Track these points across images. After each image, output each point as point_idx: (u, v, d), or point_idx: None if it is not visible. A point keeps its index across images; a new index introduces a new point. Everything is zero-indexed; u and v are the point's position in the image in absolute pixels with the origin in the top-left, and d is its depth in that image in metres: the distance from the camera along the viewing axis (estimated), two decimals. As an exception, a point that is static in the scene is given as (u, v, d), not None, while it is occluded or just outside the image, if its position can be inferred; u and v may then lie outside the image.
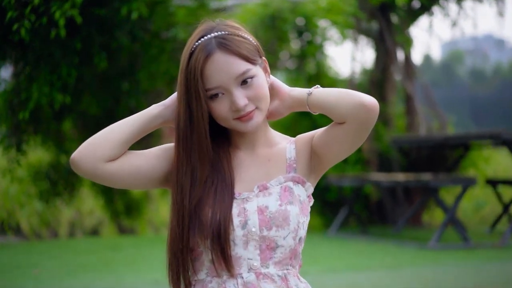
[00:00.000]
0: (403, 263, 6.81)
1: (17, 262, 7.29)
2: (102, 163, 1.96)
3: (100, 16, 7.65)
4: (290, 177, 2.07)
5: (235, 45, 1.98)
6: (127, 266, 6.70)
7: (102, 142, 1.95)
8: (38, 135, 10.14)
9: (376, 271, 6.47)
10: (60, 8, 6.42)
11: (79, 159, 1.94)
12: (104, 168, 1.96)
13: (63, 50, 7.53)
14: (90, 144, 1.95)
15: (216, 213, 1.97)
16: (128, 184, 2.01)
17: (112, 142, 1.96)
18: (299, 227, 2.02)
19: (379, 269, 6.54)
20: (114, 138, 1.96)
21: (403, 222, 8.77)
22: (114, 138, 1.96)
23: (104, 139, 1.95)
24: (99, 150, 1.94)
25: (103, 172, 1.96)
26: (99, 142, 1.95)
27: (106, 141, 1.95)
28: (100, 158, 1.95)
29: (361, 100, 1.93)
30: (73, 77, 7.71)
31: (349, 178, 8.93)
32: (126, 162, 1.99)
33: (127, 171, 1.99)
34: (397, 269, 6.56)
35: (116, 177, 1.97)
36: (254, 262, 1.98)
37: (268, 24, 9.74)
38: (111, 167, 1.97)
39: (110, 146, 1.95)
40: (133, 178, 2.00)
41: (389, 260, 7.02)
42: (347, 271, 6.45)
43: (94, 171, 1.96)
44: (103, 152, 1.95)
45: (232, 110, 1.99)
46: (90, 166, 1.95)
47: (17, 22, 6.41)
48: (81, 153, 1.95)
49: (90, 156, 1.94)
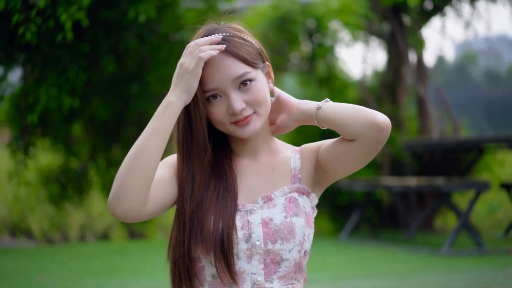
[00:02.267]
0: (415, 270, 6.72)
1: (23, 268, 7.27)
2: (144, 208, 1.86)
3: (108, 19, 7.61)
4: (295, 187, 2.01)
5: (235, 47, 1.93)
6: (132, 272, 6.66)
7: (139, 185, 1.83)
8: (46, 138, 10.13)
9: (386, 277, 6.39)
10: (66, 11, 6.37)
11: (124, 213, 1.84)
12: (145, 213, 1.87)
13: (71, 53, 7.49)
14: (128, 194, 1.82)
15: (218, 222, 1.91)
16: (157, 215, 1.94)
17: (147, 181, 1.84)
18: (305, 239, 1.96)
19: (389, 276, 6.46)
20: (148, 174, 1.84)
21: (415, 227, 8.67)
22: (148, 174, 1.84)
23: (141, 180, 1.83)
24: (139, 199, 1.84)
25: (145, 215, 1.88)
26: (137, 187, 1.82)
27: (143, 183, 1.83)
28: (142, 205, 1.85)
29: (374, 118, 1.86)
30: (81, 80, 7.68)
31: (360, 183, 8.83)
32: (156, 202, 1.90)
33: (161, 206, 1.92)
34: (408, 276, 6.47)
35: (154, 214, 1.91)
36: (258, 277, 1.93)
37: (278, 26, 9.67)
38: (148, 209, 1.88)
39: (147, 187, 1.84)
40: (162, 210, 1.94)
41: (400, 266, 6.93)
42: (356, 277, 6.37)
43: (139, 217, 1.88)
44: (143, 199, 1.85)
45: (229, 114, 1.94)
46: (136, 216, 1.86)
47: (23, 26, 6.37)
48: (124, 207, 1.83)
49: (134, 207, 1.84)
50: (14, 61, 7.71)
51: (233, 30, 1.98)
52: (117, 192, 1.83)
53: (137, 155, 1.83)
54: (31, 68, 8.23)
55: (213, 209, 1.93)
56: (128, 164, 1.83)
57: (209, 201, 1.95)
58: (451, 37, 40.85)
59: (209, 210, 1.93)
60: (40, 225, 12.05)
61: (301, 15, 9.61)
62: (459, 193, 9.52)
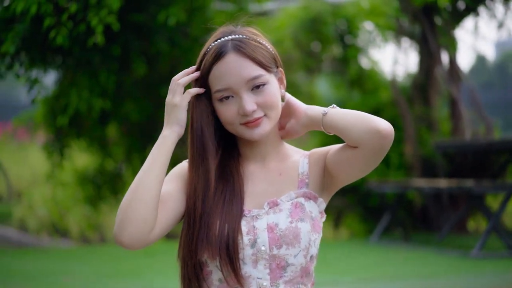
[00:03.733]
0: (442, 272, 6.66)
1: (52, 268, 7.38)
2: (149, 234, 1.91)
3: (139, 22, 7.70)
4: (301, 192, 2.04)
5: (251, 49, 1.97)
6: (159, 273, 6.72)
7: (142, 215, 1.88)
8: (81, 140, 10.28)
9: (413, 279, 6.34)
10: (97, 15, 6.47)
11: (130, 244, 1.89)
12: (152, 238, 1.92)
13: (102, 56, 7.60)
14: (131, 223, 1.87)
15: (224, 226, 1.94)
16: (169, 230, 1.99)
17: (149, 211, 1.89)
18: (311, 244, 1.99)
19: (416, 278, 6.41)
20: (149, 205, 1.89)
21: (447, 229, 8.59)
22: (149, 205, 1.89)
23: (142, 211, 1.88)
24: (143, 226, 1.88)
25: (152, 241, 1.93)
26: (139, 217, 1.88)
27: (145, 213, 1.88)
28: (147, 232, 1.90)
29: (376, 126, 1.88)
30: (112, 83, 7.79)
31: (390, 184, 8.79)
32: (164, 222, 1.94)
33: (167, 227, 1.96)
34: (435, 278, 6.42)
35: (162, 236, 1.95)
36: (263, 281, 1.95)
37: (309, 27, 9.66)
38: (156, 232, 1.93)
39: (150, 216, 1.89)
40: (174, 225, 1.98)
41: (428, 269, 6.88)
42: (383, 279, 6.34)
43: (145, 245, 1.92)
44: (147, 226, 1.89)
45: (240, 115, 1.97)
46: (141, 245, 1.91)
47: (55, 29, 6.48)
48: (130, 236, 1.87)
49: (139, 236, 1.89)
50: (49, 64, 7.85)
51: (249, 33, 2.03)
52: (121, 222, 1.88)
53: (138, 187, 1.89)
54: (63, 71, 8.37)
55: (219, 213, 1.96)
56: (130, 196, 1.90)
57: (216, 205, 1.98)
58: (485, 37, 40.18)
59: (215, 213, 1.96)
60: (78, 225, 12.18)
61: (331, 16, 9.59)
62: (492, 195, 9.40)
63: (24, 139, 15.90)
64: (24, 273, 6.99)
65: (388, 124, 1.90)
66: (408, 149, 9.46)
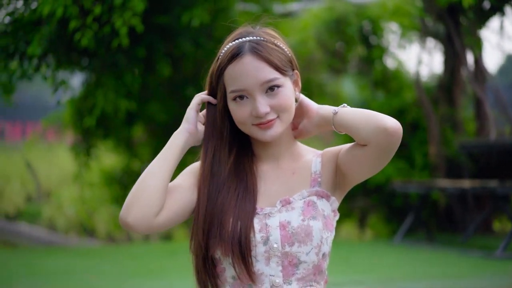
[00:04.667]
0: (465, 272, 6.64)
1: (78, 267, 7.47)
2: (154, 218, 1.96)
3: (163, 24, 7.78)
4: (314, 191, 2.04)
5: (267, 52, 1.98)
6: (181, 272, 6.77)
7: (148, 198, 1.94)
8: (108, 140, 10.40)
9: (435, 280, 6.33)
10: (121, 17, 6.55)
11: (134, 223, 1.94)
12: (157, 222, 1.96)
13: (127, 58, 7.69)
14: (137, 204, 1.94)
15: (236, 223, 1.97)
16: (177, 223, 2.03)
17: (157, 197, 1.95)
18: (322, 242, 2.00)
19: (438, 278, 6.40)
20: (156, 191, 1.95)
21: (471, 230, 8.55)
22: (156, 191, 1.95)
23: (149, 194, 1.94)
24: (149, 209, 1.94)
25: (157, 225, 1.97)
26: (146, 200, 1.94)
27: (151, 197, 1.94)
28: (152, 215, 1.95)
29: (383, 124, 1.89)
30: (137, 84, 7.88)
31: (414, 185, 8.76)
32: (171, 209, 2.00)
33: (174, 216, 2.00)
34: (458, 278, 6.40)
35: (167, 224, 1.99)
36: (276, 278, 1.97)
37: (333, 28, 9.68)
38: (161, 218, 1.97)
39: (157, 200, 1.95)
40: (181, 217, 2.02)
41: (451, 269, 6.86)
42: (405, 279, 6.33)
43: (150, 228, 1.97)
44: (153, 209, 1.95)
45: (253, 116, 1.99)
46: (146, 226, 1.96)
47: (80, 31, 6.58)
48: (134, 216, 1.93)
49: (144, 218, 1.94)
50: (75, 66, 7.95)
51: (267, 35, 2.02)
52: (128, 204, 1.94)
53: (146, 175, 1.97)
54: (89, 72, 8.48)
55: (233, 210, 1.98)
56: (138, 182, 1.97)
57: (229, 202, 2.00)
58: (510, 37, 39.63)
59: (228, 211, 1.98)
60: (105, 225, 12.30)
61: (355, 17, 9.59)
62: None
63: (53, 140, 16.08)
64: (51, 272, 7.10)
65: (396, 121, 1.91)
66: (432, 150, 9.42)
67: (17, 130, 21.13)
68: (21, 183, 15.29)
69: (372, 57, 10.00)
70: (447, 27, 9.54)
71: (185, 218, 2.05)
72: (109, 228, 12.28)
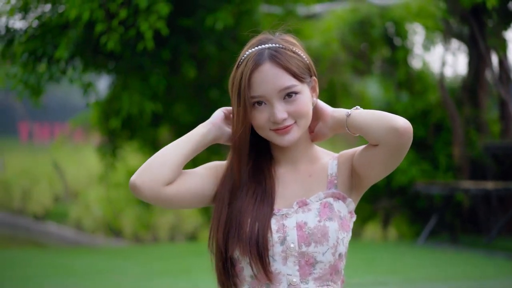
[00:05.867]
0: (488, 274, 6.63)
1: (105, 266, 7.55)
2: (163, 187, 2.01)
3: (187, 27, 7.86)
4: (330, 193, 2.09)
5: (285, 60, 2.03)
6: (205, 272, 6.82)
7: (160, 167, 2.00)
8: (134, 141, 10.51)
9: (457, 281, 6.33)
10: (146, 21, 6.65)
11: (141, 185, 2.00)
12: (164, 192, 2.02)
13: (153, 60, 7.79)
14: (148, 169, 2.01)
15: (254, 224, 2.02)
16: (183, 205, 2.09)
17: (168, 166, 2.01)
18: (338, 243, 2.03)
19: (460, 279, 6.40)
20: (170, 162, 2.02)
21: (495, 232, 8.52)
22: (170, 162, 2.02)
23: (161, 163, 2.01)
24: (159, 175, 2.00)
25: (164, 196, 2.02)
26: (157, 167, 2.00)
27: (163, 166, 2.01)
28: (160, 182, 2.01)
29: (393, 124, 1.93)
30: (162, 86, 7.97)
31: (437, 186, 8.76)
32: (182, 184, 2.05)
33: (183, 193, 2.05)
34: (479, 280, 6.40)
35: (174, 199, 2.04)
36: (293, 278, 2.01)
37: (357, 29, 9.71)
38: (170, 190, 2.03)
39: (168, 170, 2.01)
40: (189, 199, 2.07)
41: (473, 270, 6.85)
42: (426, 281, 6.34)
43: (156, 195, 2.01)
44: (162, 177, 2.01)
45: (271, 121, 2.04)
46: (152, 191, 2.01)
47: (106, 35, 6.69)
48: (142, 179, 2.00)
49: (151, 182, 2.00)
50: (102, 69, 8.08)
51: (285, 43, 2.07)
52: (139, 170, 2.02)
53: (162, 150, 2.05)
54: (116, 75, 8.60)
55: (251, 212, 2.04)
56: (154, 155, 2.04)
57: (247, 204, 2.05)
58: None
59: (246, 212, 2.04)
60: (131, 225, 12.39)
61: (379, 19, 9.61)
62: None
63: (80, 141, 16.23)
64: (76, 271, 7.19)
65: (406, 121, 1.94)
66: (456, 151, 9.40)
67: (45, 131, 21.32)
68: (49, 184, 15.46)
69: (396, 59, 10.01)
70: (471, 28, 9.52)
71: (191, 204, 2.10)
72: (135, 228, 12.38)
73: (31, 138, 21.64)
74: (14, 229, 15.19)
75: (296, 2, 9.48)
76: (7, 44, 7.25)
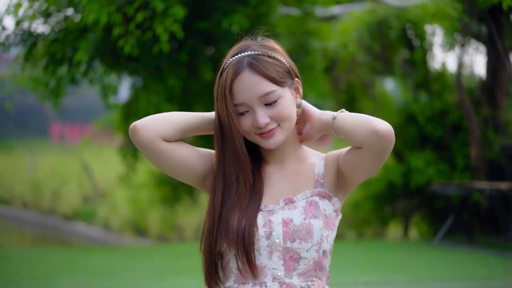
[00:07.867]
0: (500, 273, 6.63)
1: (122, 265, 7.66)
2: (159, 139, 2.09)
3: (204, 29, 7.96)
4: (316, 192, 2.16)
5: (263, 66, 2.10)
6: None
7: (164, 121, 2.10)
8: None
9: (466, 280, 6.33)
10: (162, 24, 6.78)
11: (141, 127, 2.09)
12: (159, 144, 2.09)
13: (170, 63, 7.90)
14: (154, 119, 2.10)
15: (241, 220, 2.09)
16: (173, 170, 2.15)
17: (173, 125, 2.10)
18: (323, 240, 2.11)
19: (469, 279, 6.40)
20: (175, 122, 2.10)
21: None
22: (175, 122, 2.10)
23: (168, 119, 2.10)
24: (160, 126, 2.09)
25: (157, 148, 2.10)
26: (162, 120, 2.10)
27: (168, 122, 2.10)
28: (159, 133, 2.09)
29: (374, 127, 2.00)
30: (179, 88, 8.08)
31: (454, 186, 8.77)
32: (178, 149, 2.12)
33: (176, 157, 2.13)
34: (491, 279, 6.39)
35: (166, 157, 2.11)
36: (278, 272, 2.09)
37: (375, 30, 9.75)
38: (165, 146, 2.10)
39: (171, 127, 2.09)
40: (180, 166, 2.14)
41: (485, 270, 6.84)
42: (436, 280, 6.36)
43: (150, 143, 2.09)
44: (163, 129, 2.09)
45: (254, 126, 2.13)
46: (148, 137, 2.09)
47: (123, 38, 6.83)
48: (144, 123, 2.09)
49: (151, 129, 2.08)
50: (122, 71, 8.21)
51: (264, 49, 2.13)
52: (145, 118, 2.11)
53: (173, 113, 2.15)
54: (135, 77, 8.74)
55: (238, 209, 2.12)
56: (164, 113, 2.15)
57: (236, 201, 2.13)
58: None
59: (235, 209, 2.12)
60: (156, 225, 12.49)
61: (397, 20, 9.64)
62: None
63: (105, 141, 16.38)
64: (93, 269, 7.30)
65: (387, 125, 2.01)
66: (473, 152, 9.39)
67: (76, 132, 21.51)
68: (78, 184, 15.64)
69: (415, 59, 10.03)
70: (489, 29, 9.50)
71: (176, 170, 2.16)
72: (160, 228, 12.49)
73: (63, 139, 21.87)
74: (43, 228, 15.40)
75: (314, 3, 9.51)
76: (30, 48, 7.42)
